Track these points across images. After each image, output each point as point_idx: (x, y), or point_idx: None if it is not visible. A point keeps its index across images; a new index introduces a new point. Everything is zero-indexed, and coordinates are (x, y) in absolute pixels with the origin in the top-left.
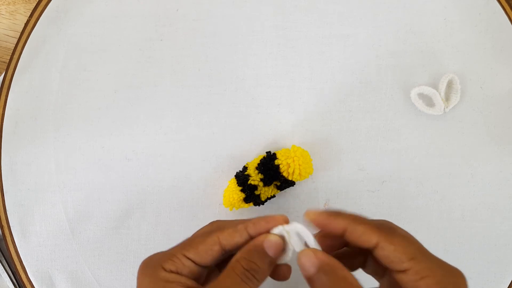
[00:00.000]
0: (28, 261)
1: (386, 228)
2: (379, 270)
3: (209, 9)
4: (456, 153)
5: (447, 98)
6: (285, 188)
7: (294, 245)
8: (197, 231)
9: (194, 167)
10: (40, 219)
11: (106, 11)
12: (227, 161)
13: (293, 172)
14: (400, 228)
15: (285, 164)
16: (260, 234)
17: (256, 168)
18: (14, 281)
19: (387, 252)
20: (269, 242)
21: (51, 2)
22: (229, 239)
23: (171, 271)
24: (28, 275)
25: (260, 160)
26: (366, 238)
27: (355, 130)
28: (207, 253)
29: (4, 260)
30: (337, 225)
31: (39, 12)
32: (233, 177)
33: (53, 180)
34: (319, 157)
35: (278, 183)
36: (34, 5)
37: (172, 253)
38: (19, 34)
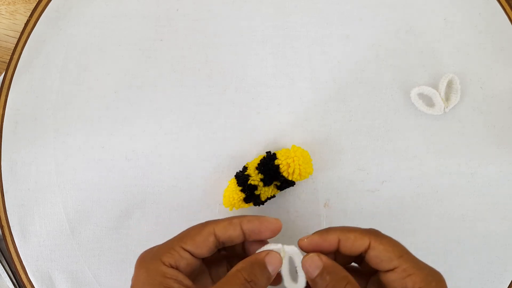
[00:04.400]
0: (28, 261)
1: (374, 232)
2: (365, 277)
3: (209, 9)
4: (456, 153)
5: (447, 98)
6: (285, 188)
7: (284, 267)
8: (191, 227)
9: (194, 167)
10: (40, 219)
11: (106, 11)
12: (227, 161)
13: (293, 172)
14: (384, 234)
15: (285, 164)
16: (252, 232)
17: (256, 168)
18: (14, 281)
19: (378, 252)
20: (271, 258)
21: (51, 2)
22: (224, 231)
23: (170, 265)
24: (28, 275)
25: (260, 160)
26: (359, 242)
27: (355, 130)
28: (204, 244)
29: (4, 260)
30: (332, 239)
31: (39, 12)
32: (233, 177)
33: (53, 180)
34: (319, 157)
35: (278, 183)
36: (34, 5)
37: (170, 245)
38: (19, 34)
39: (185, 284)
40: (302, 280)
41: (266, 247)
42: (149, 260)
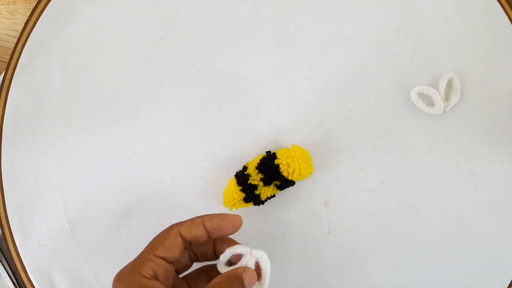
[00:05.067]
0: (28, 260)
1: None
2: None
3: (209, 9)
4: (456, 153)
5: (447, 98)
6: (285, 188)
7: (265, 270)
8: (157, 235)
9: (194, 167)
10: (40, 219)
11: (106, 11)
12: (227, 161)
13: (293, 171)
14: None
15: (285, 164)
16: (215, 229)
17: (256, 167)
18: (14, 281)
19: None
20: (247, 274)
21: (51, 2)
22: (188, 231)
23: (150, 276)
24: (28, 275)
25: (260, 160)
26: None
27: (355, 130)
28: (173, 246)
29: (4, 260)
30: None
31: (39, 12)
32: (233, 176)
33: (53, 180)
34: (319, 157)
35: (278, 183)
36: (34, 4)
37: (145, 257)
38: (19, 33)
39: None
40: (266, 281)
41: (235, 248)
42: (128, 275)
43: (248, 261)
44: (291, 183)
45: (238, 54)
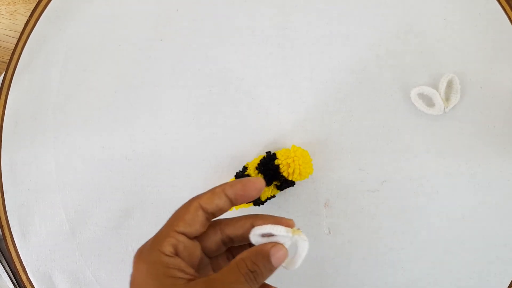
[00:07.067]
0: (28, 261)
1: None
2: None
3: (209, 9)
4: (456, 153)
5: (447, 98)
6: (285, 188)
7: (301, 253)
8: (177, 209)
9: (194, 167)
10: (40, 219)
11: (106, 11)
12: (227, 161)
13: (293, 172)
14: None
15: (285, 164)
16: (237, 195)
17: (256, 168)
18: (14, 281)
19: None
20: (276, 250)
21: (51, 2)
22: (209, 202)
23: (170, 253)
24: (28, 275)
25: (260, 160)
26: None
27: (355, 130)
28: (194, 220)
29: (4, 260)
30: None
31: (39, 12)
32: (233, 177)
33: (53, 180)
34: (319, 157)
35: (278, 183)
36: (34, 5)
37: (165, 233)
38: (19, 34)
39: (188, 272)
40: (297, 262)
41: (274, 229)
42: (148, 253)
43: (283, 239)
44: (291, 183)
45: (238, 54)
